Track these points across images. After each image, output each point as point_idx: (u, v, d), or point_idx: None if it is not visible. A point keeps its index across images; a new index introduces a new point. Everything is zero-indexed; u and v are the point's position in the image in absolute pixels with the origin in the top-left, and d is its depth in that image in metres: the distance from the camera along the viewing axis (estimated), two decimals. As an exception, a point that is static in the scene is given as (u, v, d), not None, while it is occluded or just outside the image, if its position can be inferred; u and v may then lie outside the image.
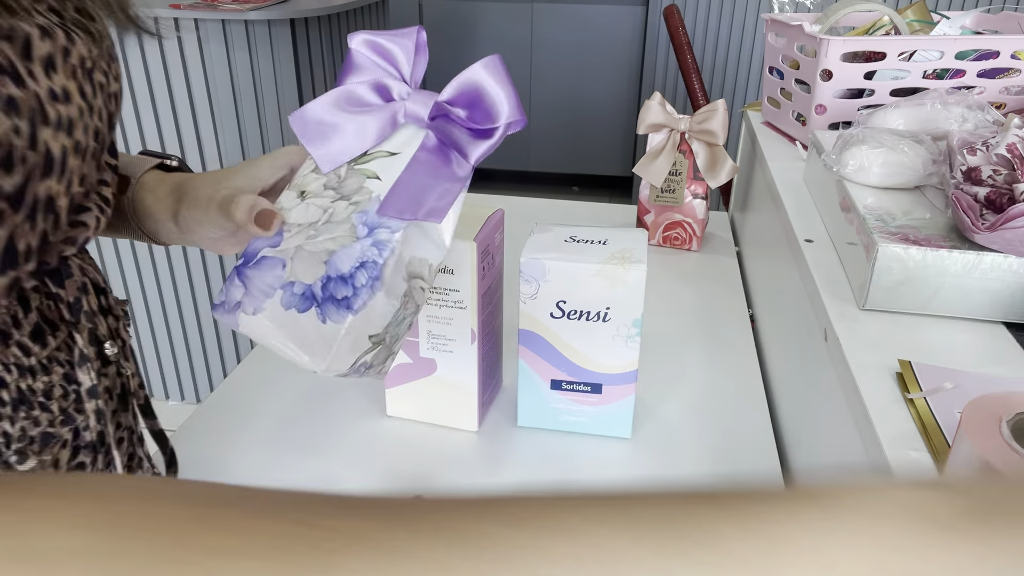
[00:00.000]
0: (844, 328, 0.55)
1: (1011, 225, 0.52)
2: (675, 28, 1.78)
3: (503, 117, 0.44)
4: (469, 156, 0.46)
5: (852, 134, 0.70)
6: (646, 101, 0.95)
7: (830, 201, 0.71)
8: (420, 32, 0.47)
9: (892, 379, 0.49)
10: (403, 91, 0.47)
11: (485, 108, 0.45)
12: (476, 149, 0.45)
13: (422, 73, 0.48)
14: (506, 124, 0.45)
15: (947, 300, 0.55)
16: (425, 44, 0.48)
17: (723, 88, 3.15)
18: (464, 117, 0.45)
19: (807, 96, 0.93)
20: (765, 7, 2.98)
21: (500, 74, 0.45)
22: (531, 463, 0.62)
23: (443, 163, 0.46)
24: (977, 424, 0.37)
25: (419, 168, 0.46)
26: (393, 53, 0.47)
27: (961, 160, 0.60)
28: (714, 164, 0.94)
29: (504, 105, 0.44)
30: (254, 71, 1.82)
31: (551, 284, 0.58)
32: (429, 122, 0.46)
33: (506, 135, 0.45)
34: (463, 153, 0.46)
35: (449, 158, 0.46)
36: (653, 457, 0.63)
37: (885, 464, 0.42)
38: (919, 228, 0.58)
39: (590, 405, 0.63)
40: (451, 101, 0.45)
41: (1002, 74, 0.88)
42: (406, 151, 0.46)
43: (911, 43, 0.87)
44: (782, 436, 0.69)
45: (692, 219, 0.98)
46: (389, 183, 0.45)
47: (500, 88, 0.44)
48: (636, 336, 0.59)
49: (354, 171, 0.46)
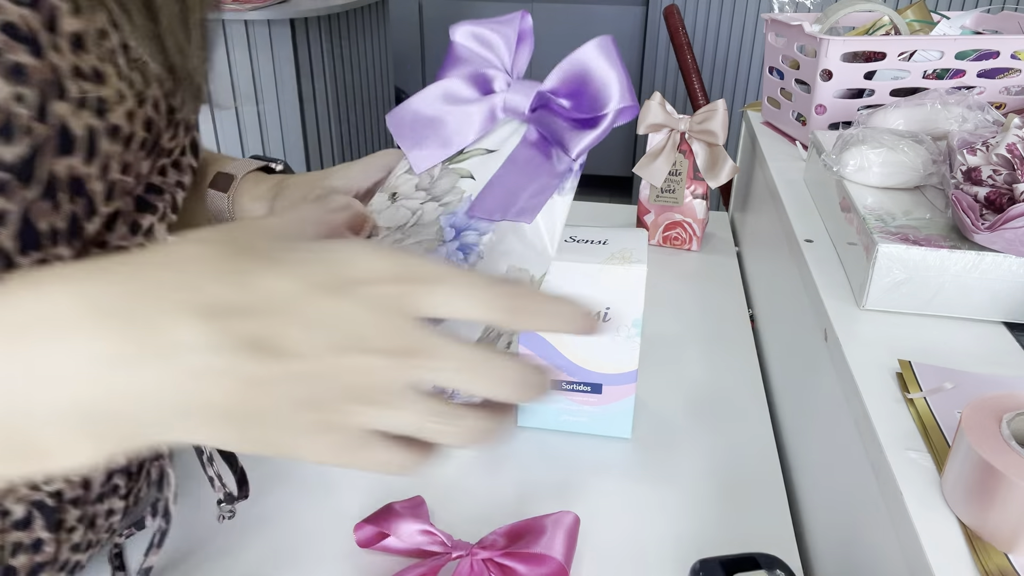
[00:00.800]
0: (844, 328, 0.55)
1: (1011, 225, 0.52)
2: (675, 28, 1.78)
3: (612, 103, 0.40)
4: (570, 149, 0.41)
5: (852, 134, 0.70)
6: (646, 101, 0.95)
7: (830, 201, 0.71)
8: (525, 17, 0.43)
9: (892, 379, 0.49)
10: (503, 82, 0.43)
11: (592, 94, 0.40)
12: (579, 141, 0.41)
13: (526, 62, 0.44)
14: (616, 112, 0.40)
15: (947, 300, 0.55)
16: (531, 30, 0.44)
17: (723, 88, 3.15)
18: (569, 107, 0.41)
19: (807, 96, 0.93)
20: (765, 7, 2.97)
21: (612, 56, 0.40)
22: (531, 463, 0.62)
23: (543, 159, 0.42)
24: (977, 424, 0.37)
25: (516, 166, 0.42)
26: (493, 43, 0.43)
27: (961, 160, 0.60)
28: (714, 164, 0.94)
29: (614, 89, 0.40)
30: (254, 71, 1.82)
31: (551, 284, 0.58)
32: (530, 114, 0.43)
33: (616, 124, 0.41)
34: (564, 146, 0.42)
35: (550, 153, 0.42)
36: (653, 457, 0.63)
37: (885, 464, 0.42)
38: (919, 228, 0.58)
39: (590, 405, 0.63)
40: (555, 90, 0.41)
41: (1002, 74, 0.88)
42: (505, 148, 0.43)
43: (911, 43, 0.87)
44: (782, 436, 0.69)
45: (692, 219, 0.98)
46: (483, 182, 0.42)
47: (611, 71, 0.40)
48: (636, 336, 0.59)
49: (448, 170, 0.43)
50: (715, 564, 0.43)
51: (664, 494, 0.59)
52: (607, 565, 0.52)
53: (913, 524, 0.38)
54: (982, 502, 0.36)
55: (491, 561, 0.48)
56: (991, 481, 0.35)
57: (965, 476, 0.37)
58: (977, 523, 0.37)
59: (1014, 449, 0.36)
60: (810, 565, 0.57)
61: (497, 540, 0.50)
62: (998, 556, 0.36)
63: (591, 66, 0.40)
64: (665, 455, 0.63)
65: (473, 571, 0.48)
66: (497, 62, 0.43)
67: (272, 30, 1.78)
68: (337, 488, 0.59)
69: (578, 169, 0.42)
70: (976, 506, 0.36)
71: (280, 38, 1.80)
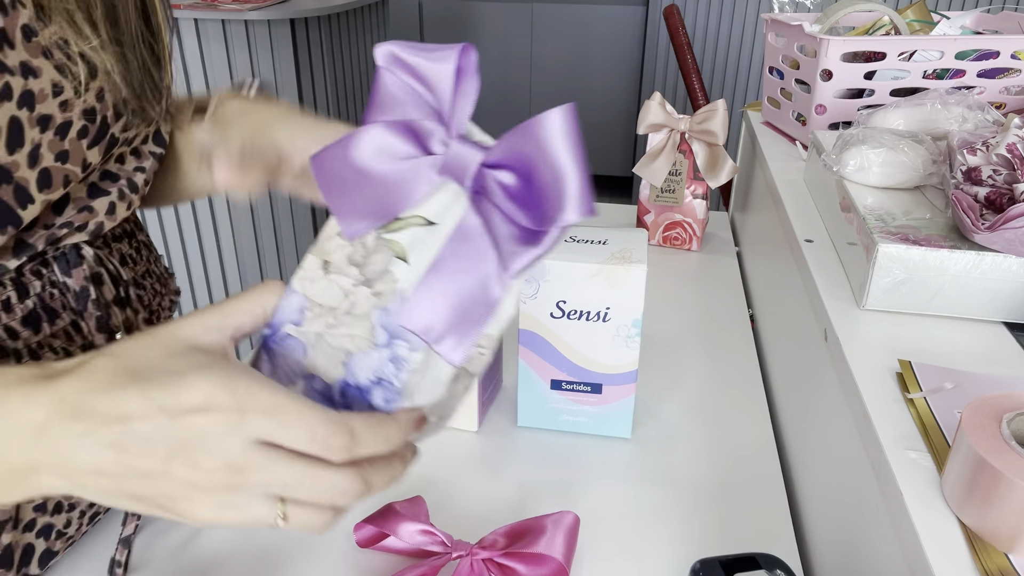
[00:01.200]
0: (844, 328, 0.55)
1: (1011, 225, 0.52)
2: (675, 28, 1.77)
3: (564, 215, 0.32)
4: (509, 265, 0.34)
5: (852, 134, 0.70)
6: (646, 101, 0.95)
7: (830, 201, 0.71)
8: (467, 54, 0.35)
9: (892, 379, 0.49)
10: (440, 141, 0.36)
11: (540, 188, 0.33)
12: (519, 258, 0.34)
13: (469, 109, 0.36)
14: (564, 228, 0.33)
15: (947, 300, 0.55)
16: (474, 69, 0.35)
17: (723, 88, 3.15)
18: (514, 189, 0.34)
19: (807, 96, 0.93)
20: (765, 7, 2.97)
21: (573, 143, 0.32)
22: (531, 463, 0.62)
23: (488, 247, 0.35)
24: (977, 424, 0.37)
25: (456, 257, 0.35)
26: (430, 82, 0.35)
27: (961, 160, 0.60)
28: (714, 164, 0.94)
29: (570, 193, 0.32)
30: (254, 71, 1.82)
31: (551, 284, 0.58)
32: (472, 194, 0.36)
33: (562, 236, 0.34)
34: (502, 258, 0.35)
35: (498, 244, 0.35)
36: (653, 457, 0.63)
37: (885, 464, 0.42)
38: (919, 228, 0.58)
39: (590, 405, 0.63)
40: (501, 164, 0.34)
41: (1002, 74, 0.88)
42: (446, 221, 0.36)
43: (911, 43, 0.87)
44: (782, 436, 0.69)
45: (692, 219, 0.98)
46: (419, 270, 0.36)
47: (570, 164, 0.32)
48: (636, 336, 0.59)
49: (382, 242, 0.37)
50: (715, 564, 0.43)
51: (664, 494, 0.59)
52: (607, 565, 0.52)
53: (913, 524, 0.38)
54: (982, 502, 0.36)
55: (491, 561, 0.48)
56: (991, 481, 0.35)
57: (965, 476, 0.37)
58: (977, 523, 0.37)
59: (1014, 449, 0.36)
60: (810, 565, 0.57)
61: (497, 540, 0.50)
62: (998, 556, 0.36)
63: (548, 150, 0.32)
64: (665, 455, 0.63)
65: (473, 571, 0.48)
66: (433, 108, 0.36)
67: (272, 30, 1.78)
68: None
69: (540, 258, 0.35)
70: (976, 506, 0.36)
71: (280, 38, 1.79)
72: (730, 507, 0.57)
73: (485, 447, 0.64)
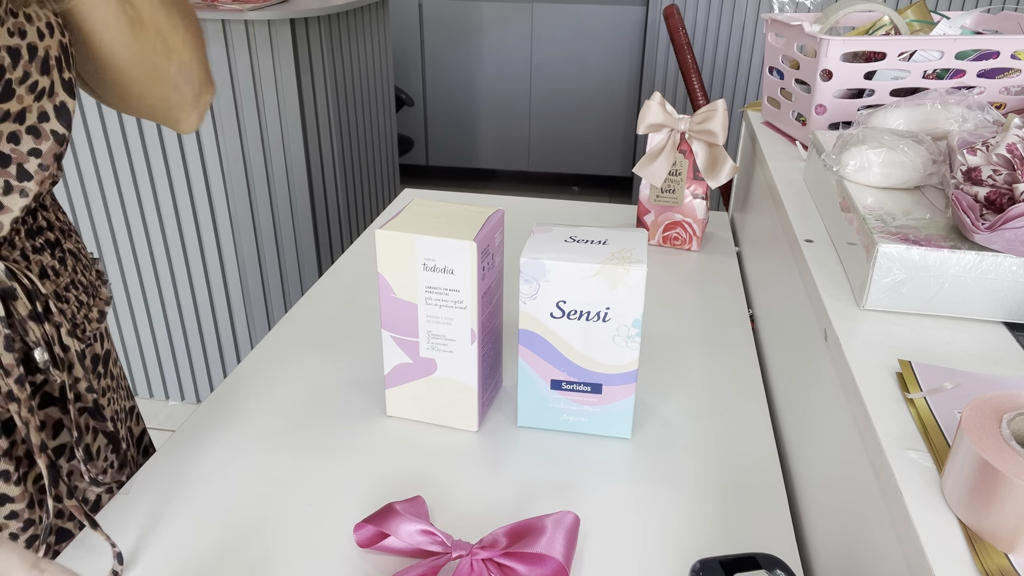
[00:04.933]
0: (844, 328, 0.55)
1: (1011, 225, 0.52)
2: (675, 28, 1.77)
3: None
4: None
5: (852, 134, 0.70)
6: (646, 101, 0.95)
7: (830, 201, 0.71)
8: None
9: (892, 379, 0.49)
10: None
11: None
12: None
13: None
14: None
15: (947, 300, 0.55)
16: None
17: (723, 88, 3.15)
18: None
19: (807, 96, 0.93)
20: (765, 7, 2.98)
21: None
22: (531, 463, 0.62)
23: None
24: (977, 424, 0.37)
25: None
26: None
27: (961, 160, 0.60)
28: (714, 164, 0.94)
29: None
30: (254, 71, 1.82)
31: (551, 284, 0.58)
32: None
33: None
34: None
35: None
36: (653, 457, 0.63)
37: (885, 464, 0.42)
38: (919, 228, 0.58)
39: (590, 405, 0.63)
40: None
41: (1002, 74, 0.88)
42: None
43: (911, 43, 0.87)
44: (782, 436, 0.69)
45: (692, 219, 0.98)
46: None
47: None
48: (636, 336, 0.59)
49: None
50: (715, 564, 0.43)
51: (664, 494, 0.59)
52: (607, 565, 0.52)
53: (913, 524, 0.38)
54: (982, 502, 0.36)
55: (491, 561, 0.48)
56: (991, 481, 0.35)
57: (965, 476, 0.37)
58: (977, 523, 0.37)
59: (1014, 449, 0.36)
60: (810, 565, 0.57)
61: (497, 540, 0.50)
62: (998, 556, 0.36)
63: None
64: (665, 455, 0.63)
65: (473, 571, 0.48)
66: None
67: (272, 30, 1.78)
68: (337, 488, 0.59)
69: None
70: (976, 506, 0.36)
71: (280, 38, 1.79)
72: (730, 507, 0.57)
73: (485, 447, 0.64)
